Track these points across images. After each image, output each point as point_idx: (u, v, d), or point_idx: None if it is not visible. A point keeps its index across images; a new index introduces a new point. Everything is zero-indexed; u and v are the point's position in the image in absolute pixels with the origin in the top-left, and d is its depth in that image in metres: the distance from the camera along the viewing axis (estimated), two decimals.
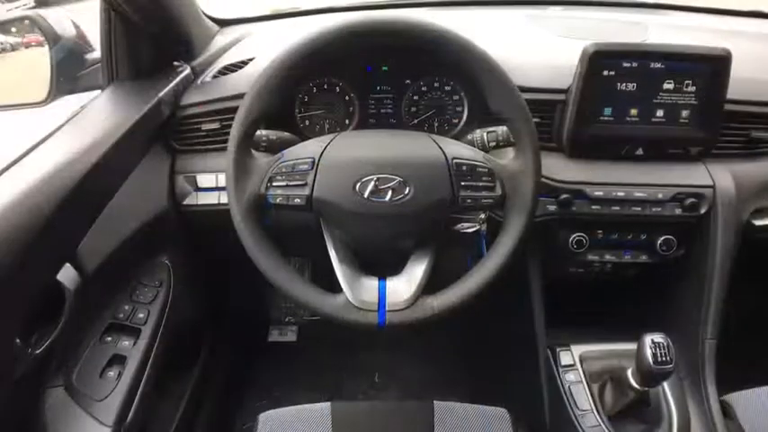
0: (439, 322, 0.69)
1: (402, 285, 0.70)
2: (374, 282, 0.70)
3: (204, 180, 0.91)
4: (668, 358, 0.73)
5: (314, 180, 0.68)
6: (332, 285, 0.71)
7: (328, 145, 0.70)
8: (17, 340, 0.62)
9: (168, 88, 0.90)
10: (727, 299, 0.91)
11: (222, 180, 0.82)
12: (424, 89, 0.97)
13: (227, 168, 0.68)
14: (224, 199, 0.89)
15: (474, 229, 0.89)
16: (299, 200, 0.68)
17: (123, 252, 0.80)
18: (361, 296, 0.68)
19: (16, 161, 0.70)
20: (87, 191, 0.71)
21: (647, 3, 1.49)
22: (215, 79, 0.97)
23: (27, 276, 0.63)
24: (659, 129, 0.88)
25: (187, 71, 0.98)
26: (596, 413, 0.88)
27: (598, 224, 0.92)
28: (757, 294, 1.24)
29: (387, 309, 0.68)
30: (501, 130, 0.83)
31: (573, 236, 0.91)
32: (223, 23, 1.21)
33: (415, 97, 0.97)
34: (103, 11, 0.87)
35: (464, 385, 1.44)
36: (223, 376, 1.32)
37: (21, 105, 0.95)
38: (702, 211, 0.88)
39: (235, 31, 1.16)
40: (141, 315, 0.83)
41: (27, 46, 1.01)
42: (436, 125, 0.98)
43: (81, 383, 0.74)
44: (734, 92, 0.86)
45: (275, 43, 0.92)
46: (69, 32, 0.96)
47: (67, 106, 0.90)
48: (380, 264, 0.74)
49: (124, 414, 0.74)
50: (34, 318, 0.65)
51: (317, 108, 0.97)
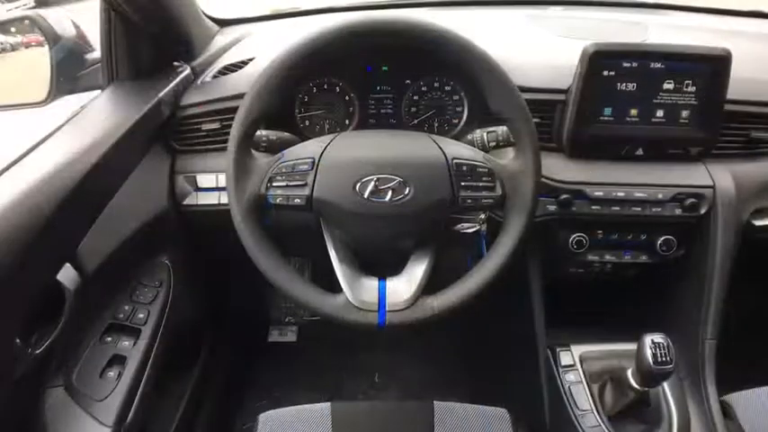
0: (439, 322, 0.69)
1: (402, 285, 0.70)
2: (374, 282, 0.70)
3: (204, 180, 0.91)
4: (668, 358, 0.73)
5: (314, 180, 0.68)
6: (332, 285, 0.71)
7: (328, 145, 0.70)
8: (17, 340, 0.62)
9: (168, 88, 0.90)
10: (727, 299, 0.91)
11: (222, 180, 0.82)
12: (424, 89, 0.97)
13: (227, 168, 0.68)
14: (224, 199, 0.89)
15: (474, 230, 0.89)
16: (299, 200, 0.68)
17: (123, 252, 0.80)
18: (361, 296, 0.68)
19: (16, 161, 0.70)
20: (87, 191, 0.71)
21: (647, 3, 1.48)
22: (215, 79, 0.97)
23: (27, 276, 0.63)
24: (659, 129, 0.88)
25: (187, 71, 0.98)
26: (596, 413, 0.88)
27: (598, 224, 0.92)
28: (757, 294, 1.24)
29: (387, 309, 0.68)
30: (501, 130, 0.83)
31: (573, 236, 0.91)
32: (223, 23, 1.21)
33: (415, 97, 0.97)
34: (103, 11, 0.87)
35: (464, 385, 1.44)
36: (223, 376, 1.32)
37: (21, 105, 0.95)
38: (702, 212, 0.88)
39: (235, 31, 1.16)
40: (141, 315, 0.83)
41: (27, 46, 1.01)
42: (436, 125, 0.98)
43: (81, 383, 0.74)
44: (734, 92, 0.86)
45: (275, 43, 0.92)
46: (69, 32, 0.96)
47: (67, 106, 0.90)
48: (380, 264, 0.74)
49: (124, 414, 0.74)
50: (34, 318, 0.65)
51: (317, 108, 0.97)
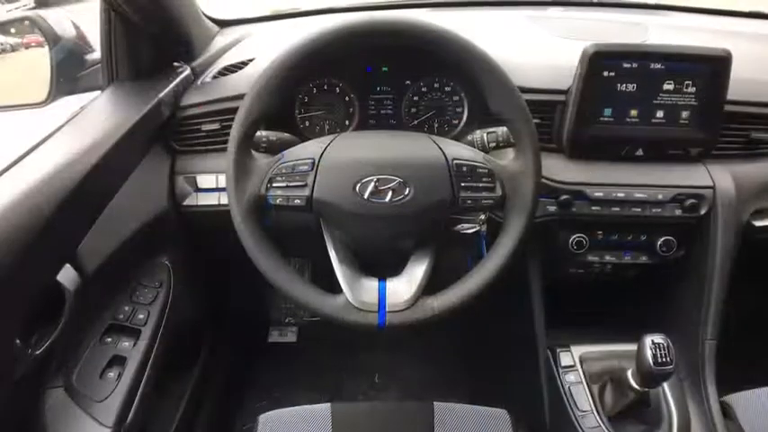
0: (439, 323, 0.69)
1: (402, 286, 0.70)
2: (374, 282, 0.70)
3: (204, 181, 0.91)
4: (668, 359, 0.73)
5: (314, 181, 0.68)
6: (332, 286, 0.71)
7: (328, 146, 0.70)
8: (17, 341, 0.62)
9: (168, 89, 0.90)
10: (727, 299, 0.91)
11: (222, 181, 0.82)
12: (424, 90, 0.97)
13: (227, 169, 0.68)
14: (224, 200, 0.89)
15: (474, 230, 0.89)
16: (299, 201, 0.68)
17: (123, 253, 0.80)
18: (361, 297, 0.68)
19: (16, 162, 0.70)
20: (87, 191, 0.71)
21: (647, 3, 1.48)
22: (215, 80, 0.97)
23: (27, 277, 0.63)
24: (659, 129, 0.88)
25: (187, 72, 0.98)
26: (596, 414, 0.88)
27: (598, 225, 0.92)
28: (757, 295, 1.24)
29: (387, 309, 0.68)
30: (501, 131, 0.83)
31: (573, 237, 0.91)
32: (223, 24, 1.21)
33: (415, 98, 0.97)
34: (103, 11, 0.87)
35: (464, 386, 1.44)
36: (223, 377, 1.32)
37: (21, 106, 0.95)
38: (702, 212, 0.88)
39: (235, 32, 1.16)
40: (141, 316, 0.83)
41: (27, 47, 1.01)
42: (436, 126, 0.98)
43: (81, 384, 0.74)
44: (734, 92, 0.86)
45: (275, 44, 0.92)
46: (69, 33, 0.96)
47: (67, 107, 0.90)
48: (380, 264, 0.74)
49: (124, 415, 0.74)
50: (34, 318, 0.65)
51: (317, 109, 0.97)
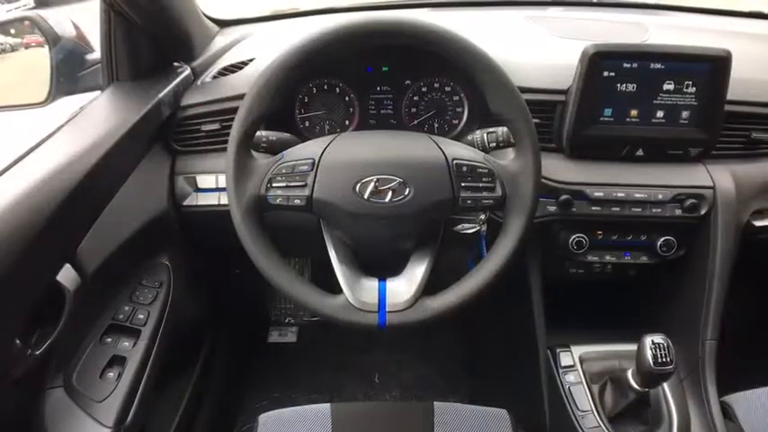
0: (439, 323, 0.69)
1: (402, 286, 0.70)
2: (374, 283, 0.70)
3: (204, 181, 0.91)
4: (668, 359, 0.73)
5: (314, 181, 0.68)
6: (332, 286, 0.71)
7: (328, 146, 0.70)
8: (17, 341, 0.62)
9: (168, 89, 0.90)
10: (727, 300, 0.90)
11: (222, 181, 0.82)
12: (424, 90, 0.97)
13: (226, 169, 0.68)
14: (224, 200, 0.89)
15: (474, 230, 0.89)
16: (299, 201, 0.68)
17: (123, 253, 0.80)
18: (361, 297, 0.68)
19: (16, 162, 0.70)
20: (87, 191, 0.71)
21: (647, 3, 1.49)
22: (215, 80, 0.97)
23: (27, 277, 0.63)
24: (659, 129, 0.88)
25: (187, 72, 0.97)
26: (596, 414, 0.87)
27: (598, 225, 0.92)
28: (757, 295, 1.24)
29: (387, 310, 0.68)
30: (501, 131, 0.83)
31: (573, 237, 0.91)
32: (223, 24, 1.21)
33: (415, 98, 0.97)
34: (103, 11, 0.87)
35: (464, 386, 1.44)
36: (223, 377, 1.32)
37: (21, 106, 0.96)
38: (702, 212, 0.88)
39: (235, 32, 1.16)
40: (141, 316, 0.83)
41: (27, 47, 1.01)
42: (436, 126, 0.98)
43: (81, 384, 0.74)
44: (734, 92, 0.86)
45: (275, 44, 0.92)
46: (69, 33, 0.96)
47: (67, 107, 0.90)
48: (380, 265, 0.74)
49: (124, 415, 0.74)
50: (34, 318, 0.65)
51: (317, 109, 0.97)
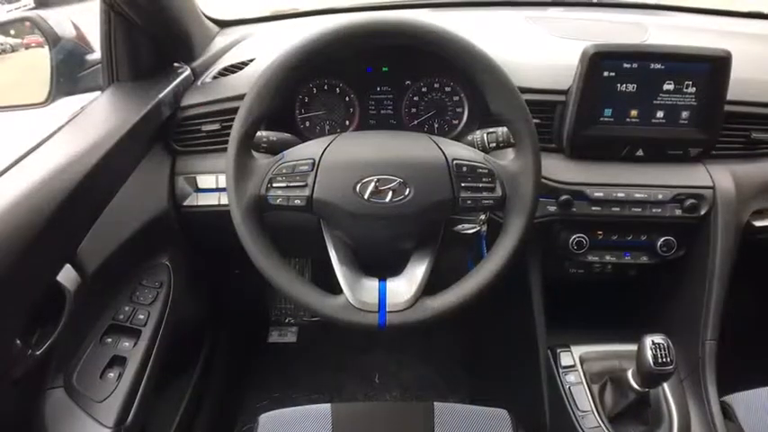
0: (439, 323, 0.69)
1: (402, 286, 0.70)
2: (374, 283, 0.70)
3: (204, 181, 0.91)
4: (668, 359, 0.73)
5: (314, 181, 0.68)
6: (332, 286, 0.71)
7: (328, 146, 0.70)
8: (17, 341, 0.62)
9: (168, 89, 0.90)
10: (727, 299, 0.90)
11: (222, 181, 0.82)
12: (424, 90, 0.97)
13: (227, 169, 0.68)
14: (224, 200, 0.89)
15: (474, 230, 0.89)
16: (300, 201, 0.68)
17: (123, 253, 0.80)
18: (361, 297, 0.68)
19: (17, 162, 0.70)
20: (87, 192, 0.71)
21: (647, 3, 1.49)
22: (215, 80, 0.97)
23: (27, 277, 0.63)
24: (659, 130, 0.88)
25: (187, 72, 0.98)
26: (596, 414, 0.87)
27: (598, 225, 0.92)
28: (757, 295, 1.24)
29: (387, 310, 0.68)
30: (501, 131, 0.83)
31: (573, 237, 0.91)
32: (223, 24, 1.21)
33: (415, 98, 0.97)
34: (103, 12, 0.87)
35: (464, 386, 1.44)
36: (223, 377, 1.32)
37: (21, 106, 0.96)
38: (702, 212, 0.88)
39: (235, 33, 1.16)
40: (141, 316, 0.83)
41: (27, 47, 1.01)
42: (436, 126, 0.98)
43: (81, 384, 0.74)
44: (734, 92, 0.86)
45: (275, 44, 0.92)
46: (69, 33, 0.96)
47: (67, 107, 0.90)
48: (381, 265, 0.74)
49: (124, 415, 0.74)
50: (34, 318, 0.65)
51: (318, 109, 0.97)
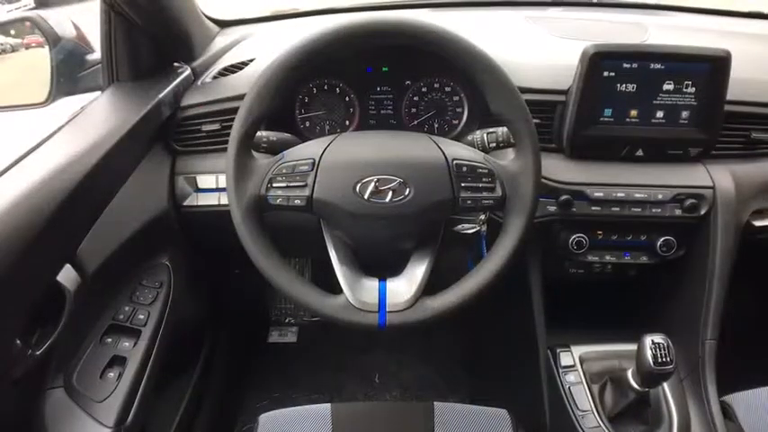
0: (439, 323, 0.69)
1: (402, 286, 0.70)
2: (374, 283, 0.70)
3: (204, 181, 0.91)
4: (668, 359, 0.73)
5: (314, 181, 0.68)
6: (332, 286, 0.71)
7: (328, 146, 0.70)
8: (17, 341, 0.62)
9: (168, 89, 0.90)
10: (727, 300, 0.91)
11: (222, 181, 0.82)
12: (424, 90, 0.97)
13: (227, 169, 0.68)
14: (224, 200, 0.89)
15: (474, 230, 0.89)
16: (300, 201, 0.68)
17: (123, 253, 0.80)
18: (361, 297, 0.68)
19: (17, 162, 0.70)
20: (87, 192, 0.71)
21: (647, 3, 1.49)
22: (215, 80, 0.97)
23: (27, 277, 0.63)
24: (659, 130, 0.88)
25: (187, 72, 0.98)
26: (596, 414, 0.87)
27: (598, 225, 0.92)
28: (757, 295, 1.24)
29: (387, 310, 0.68)
30: (501, 131, 0.83)
31: (573, 237, 0.91)
32: (223, 24, 1.21)
33: (415, 98, 0.97)
34: (103, 12, 0.87)
35: (464, 386, 1.44)
36: (223, 377, 1.32)
37: (21, 106, 0.96)
38: (702, 212, 0.88)
39: (235, 33, 1.16)
40: (141, 316, 0.83)
41: (27, 47, 1.02)
42: (436, 126, 0.98)
43: (81, 384, 0.74)
44: (734, 92, 0.86)
45: (275, 44, 0.92)
46: (69, 33, 0.96)
47: (68, 107, 0.90)
48: (381, 265, 0.74)
49: (124, 415, 0.74)
50: (34, 318, 0.65)
51: (318, 109, 0.97)
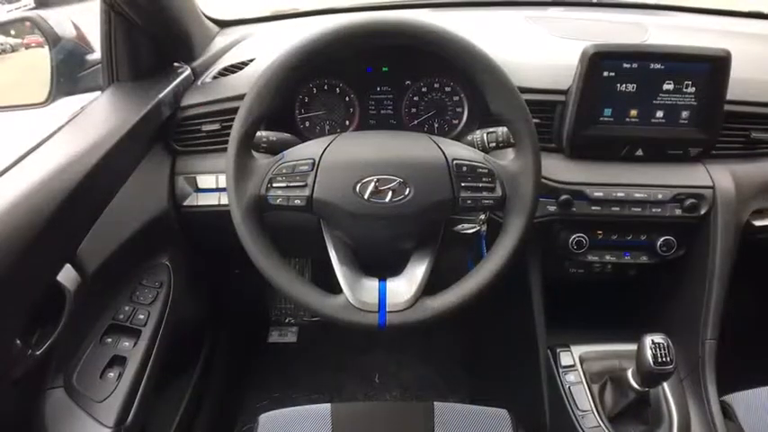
0: (439, 323, 0.69)
1: (402, 286, 0.70)
2: (374, 283, 0.70)
3: (204, 181, 0.91)
4: (668, 359, 0.73)
5: (314, 181, 0.68)
6: (332, 286, 0.71)
7: (328, 146, 0.70)
8: (17, 341, 0.62)
9: (168, 89, 0.90)
10: (727, 300, 0.91)
11: (222, 181, 0.82)
12: (424, 90, 0.97)
13: (227, 169, 0.68)
14: (224, 200, 0.89)
15: (474, 230, 0.89)
16: (300, 201, 0.68)
17: (123, 253, 0.80)
18: (361, 297, 0.68)
19: (17, 162, 0.70)
20: (87, 192, 0.71)
21: (647, 3, 1.49)
22: (215, 80, 0.97)
23: (27, 277, 0.63)
24: (659, 129, 0.88)
25: (187, 72, 0.98)
26: (596, 414, 0.87)
27: (598, 225, 0.92)
28: (757, 295, 1.24)
29: (387, 310, 0.68)
30: (501, 131, 0.83)
31: (573, 236, 0.91)
32: (223, 24, 1.21)
33: (415, 98, 0.97)
34: (103, 12, 0.87)
35: (464, 386, 1.44)
36: (223, 377, 1.32)
37: (21, 106, 0.96)
38: (702, 212, 0.88)
39: (235, 33, 1.16)
40: (141, 316, 0.83)
41: (27, 47, 1.02)
42: (436, 126, 0.98)
43: (81, 384, 0.74)
44: (734, 92, 0.86)
45: (275, 44, 0.92)
46: (69, 33, 0.96)
47: (68, 107, 0.90)
48: (381, 265, 0.74)
49: (124, 415, 0.74)
50: (34, 318, 0.65)
51: (318, 109, 0.97)
